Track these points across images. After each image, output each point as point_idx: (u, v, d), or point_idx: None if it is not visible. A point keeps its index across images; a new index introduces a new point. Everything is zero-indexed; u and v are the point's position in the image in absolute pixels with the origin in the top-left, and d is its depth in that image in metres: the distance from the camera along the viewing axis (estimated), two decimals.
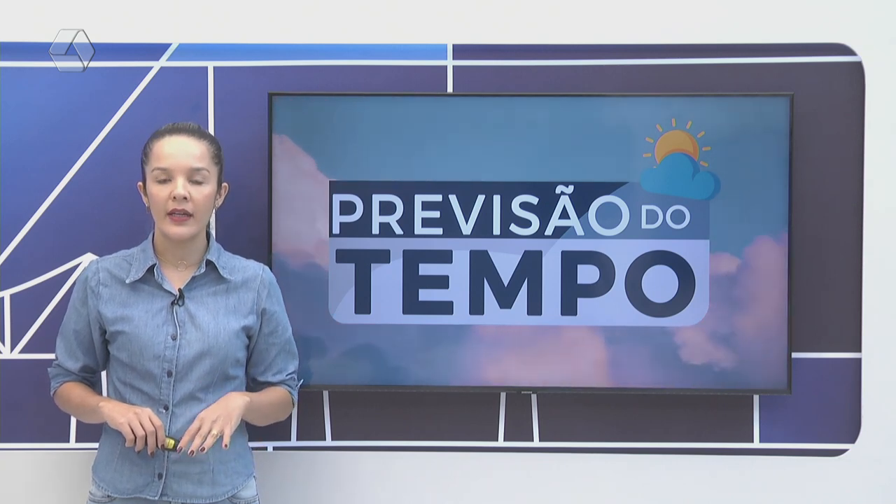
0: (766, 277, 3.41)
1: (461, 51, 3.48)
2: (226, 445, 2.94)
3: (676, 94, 3.41)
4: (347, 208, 3.42)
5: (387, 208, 3.43)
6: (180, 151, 3.05)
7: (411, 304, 3.43)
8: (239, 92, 3.47)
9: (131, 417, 2.93)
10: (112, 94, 3.46)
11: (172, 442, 2.96)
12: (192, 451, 2.91)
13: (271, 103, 3.40)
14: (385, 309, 3.43)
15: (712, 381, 3.43)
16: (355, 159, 3.42)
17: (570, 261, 3.43)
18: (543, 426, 3.51)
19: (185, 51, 3.47)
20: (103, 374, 3.22)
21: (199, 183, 3.05)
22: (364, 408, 3.51)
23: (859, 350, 3.47)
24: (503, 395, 3.51)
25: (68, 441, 3.47)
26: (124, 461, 3.06)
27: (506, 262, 3.43)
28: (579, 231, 3.42)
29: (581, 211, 3.42)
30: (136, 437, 2.91)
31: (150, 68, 3.46)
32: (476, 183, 3.42)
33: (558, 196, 3.42)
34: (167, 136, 3.08)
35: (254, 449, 3.33)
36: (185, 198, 3.02)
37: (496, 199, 3.42)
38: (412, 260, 3.43)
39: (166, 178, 3.04)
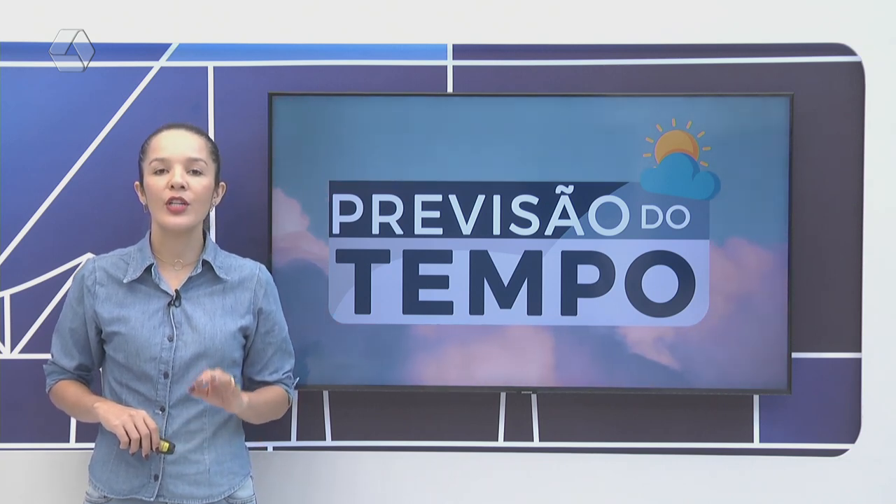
0: (766, 277, 3.40)
1: (461, 51, 3.48)
2: (233, 385, 2.94)
3: (676, 94, 3.41)
4: (347, 208, 3.42)
5: (387, 208, 3.42)
6: (178, 142, 3.06)
7: (411, 304, 3.43)
8: (239, 92, 3.46)
9: (126, 420, 2.94)
10: (112, 94, 3.46)
11: (167, 445, 2.96)
12: (212, 380, 2.89)
13: (271, 103, 3.39)
14: (385, 309, 3.43)
15: (712, 381, 3.42)
16: (355, 159, 3.42)
17: (570, 261, 3.42)
18: (543, 426, 3.51)
19: (185, 51, 3.47)
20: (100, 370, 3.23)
21: (197, 174, 3.05)
22: (364, 408, 3.51)
23: (859, 350, 3.46)
24: (503, 395, 3.51)
25: (68, 441, 3.47)
26: (120, 462, 3.06)
27: (506, 262, 3.43)
28: (579, 231, 3.42)
29: (581, 211, 3.42)
30: (130, 440, 2.92)
31: (150, 68, 3.46)
32: (476, 183, 3.42)
33: (558, 196, 3.41)
34: (164, 130, 3.10)
35: (253, 449, 3.33)
36: (183, 186, 3.02)
37: (496, 199, 3.42)
38: (412, 260, 3.43)
39: (164, 168, 3.04)
